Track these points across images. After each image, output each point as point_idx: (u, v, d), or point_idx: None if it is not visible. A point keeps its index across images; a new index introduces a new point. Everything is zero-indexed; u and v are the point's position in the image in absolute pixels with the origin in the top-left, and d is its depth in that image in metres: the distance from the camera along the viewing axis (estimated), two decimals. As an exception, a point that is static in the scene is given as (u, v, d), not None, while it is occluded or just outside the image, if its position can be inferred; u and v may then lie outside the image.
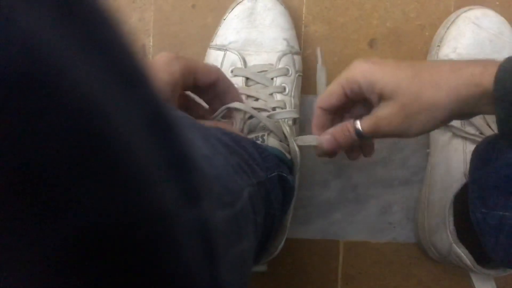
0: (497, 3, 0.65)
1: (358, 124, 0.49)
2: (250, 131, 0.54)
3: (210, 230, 0.24)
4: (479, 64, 0.42)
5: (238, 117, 0.52)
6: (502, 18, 0.62)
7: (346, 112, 0.52)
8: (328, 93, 0.50)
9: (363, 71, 0.47)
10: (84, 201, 0.16)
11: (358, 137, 0.49)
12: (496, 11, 0.62)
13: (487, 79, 0.41)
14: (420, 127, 0.45)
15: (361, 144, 0.54)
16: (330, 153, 0.52)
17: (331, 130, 0.51)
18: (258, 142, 0.52)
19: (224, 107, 0.51)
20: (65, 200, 0.16)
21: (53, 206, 0.15)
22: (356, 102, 0.51)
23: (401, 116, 0.45)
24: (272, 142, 0.54)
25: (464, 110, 0.44)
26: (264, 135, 0.54)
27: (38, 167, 0.15)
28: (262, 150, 0.49)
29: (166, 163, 0.20)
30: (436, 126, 0.45)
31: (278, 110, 0.57)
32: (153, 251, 0.19)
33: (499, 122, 0.42)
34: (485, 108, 0.42)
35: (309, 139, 0.52)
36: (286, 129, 0.55)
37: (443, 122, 0.45)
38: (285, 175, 0.51)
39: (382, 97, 0.46)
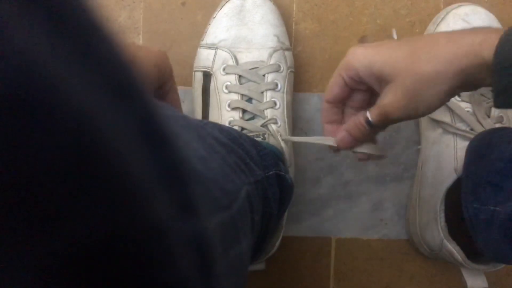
0: (486, -1, 0.66)
1: (368, 115, 0.47)
2: (250, 131, 0.54)
3: (205, 241, 0.24)
4: (479, 33, 0.41)
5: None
6: (491, 15, 0.62)
7: (351, 101, 0.51)
8: (330, 84, 0.49)
9: (358, 56, 0.46)
10: (77, 214, 0.16)
11: (370, 127, 0.47)
12: (485, 7, 0.62)
13: (488, 50, 0.39)
14: (427, 105, 0.43)
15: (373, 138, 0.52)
16: (347, 149, 0.50)
17: (345, 126, 0.49)
18: (259, 139, 0.52)
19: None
20: (58, 214, 0.15)
21: (46, 220, 0.15)
22: (359, 91, 0.49)
23: (406, 98, 0.43)
24: (273, 140, 0.54)
25: (468, 81, 0.41)
26: (265, 133, 0.54)
27: (31, 181, 0.15)
28: (261, 148, 0.49)
29: (160, 176, 0.20)
30: (443, 100, 0.43)
31: (269, 110, 0.56)
32: (147, 263, 0.19)
33: (495, 94, 0.40)
34: (487, 80, 0.40)
35: (326, 140, 0.51)
36: (279, 139, 0.55)
37: (449, 95, 0.43)
38: (283, 173, 0.51)
39: (382, 81, 0.45)
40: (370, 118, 0.46)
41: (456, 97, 0.58)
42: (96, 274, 0.17)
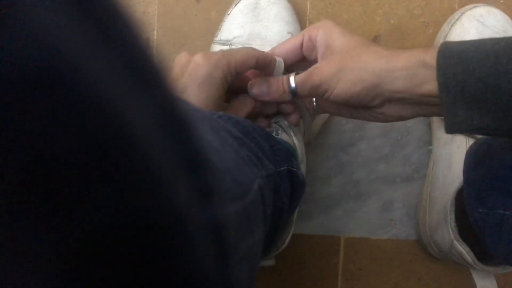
0: (501, 1, 0.66)
1: (293, 76, 0.49)
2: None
3: (222, 229, 0.24)
4: (423, 51, 0.43)
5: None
6: (507, 16, 0.62)
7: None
8: (287, 41, 0.51)
9: (326, 25, 0.47)
10: (98, 199, 0.16)
11: (290, 92, 0.49)
12: (500, 9, 0.62)
13: (430, 56, 0.41)
14: (345, 86, 0.44)
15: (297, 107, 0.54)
16: (257, 98, 0.51)
17: (269, 77, 0.51)
18: (273, 134, 0.52)
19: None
20: (79, 198, 0.15)
21: (66, 204, 0.15)
22: (306, 62, 0.51)
23: (335, 68, 0.45)
24: (286, 136, 0.54)
25: (409, 85, 0.43)
26: (278, 129, 0.54)
27: (52, 164, 0.15)
28: (274, 143, 0.49)
29: (180, 162, 0.20)
30: (360, 92, 0.44)
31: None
32: (166, 250, 0.19)
33: (445, 112, 0.42)
34: (430, 84, 0.42)
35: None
36: (292, 136, 0.55)
37: (369, 90, 0.44)
38: (295, 169, 0.51)
39: (327, 51, 0.47)
40: (293, 80, 0.48)
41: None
42: (115, 259, 0.17)
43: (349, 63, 0.44)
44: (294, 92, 0.49)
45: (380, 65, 0.43)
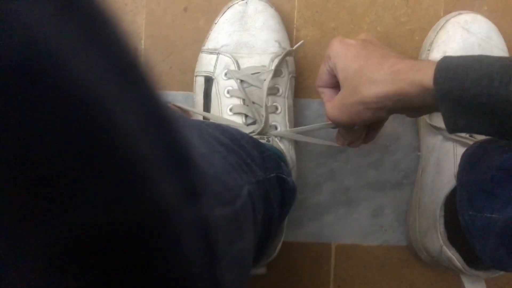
0: (485, 8, 0.66)
1: None
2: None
3: (210, 227, 0.24)
4: (419, 70, 0.43)
5: None
6: (491, 23, 0.63)
7: None
8: (319, 71, 0.53)
9: (334, 51, 0.49)
10: (84, 196, 0.16)
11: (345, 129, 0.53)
12: (484, 16, 0.63)
13: (427, 77, 0.42)
14: (354, 119, 0.47)
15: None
16: (347, 144, 0.56)
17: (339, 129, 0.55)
18: (263, 141, 0.52)
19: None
20: (66, 196, 0.15)
21: (54, 202, 0.15)
22: None
23: (341, 106, 0.47)
24: (276, 143, 0.54)
25: (409, 106, 0.45)
26: (270, 136, 0.54)
27: (37, 161, 0.15)
28: (264, 150, 0.49)
29: (166, 160, 0.20)
30: (369, 118, 0.47)
31: (270, 115, 0.57)
32: (154, 247, 0.19)
33: (444, 119, 0.43)
34: (432, 105, 0.43)
35: (326, 141, 0.58)
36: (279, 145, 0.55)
37: (373, 113, 0.46)
38: (284, 176, 0.51)
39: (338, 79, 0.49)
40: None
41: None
42: (102, 257, 0.17)
43: (349, 100, 0.47)
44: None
45: (377, 92, 0.45)
